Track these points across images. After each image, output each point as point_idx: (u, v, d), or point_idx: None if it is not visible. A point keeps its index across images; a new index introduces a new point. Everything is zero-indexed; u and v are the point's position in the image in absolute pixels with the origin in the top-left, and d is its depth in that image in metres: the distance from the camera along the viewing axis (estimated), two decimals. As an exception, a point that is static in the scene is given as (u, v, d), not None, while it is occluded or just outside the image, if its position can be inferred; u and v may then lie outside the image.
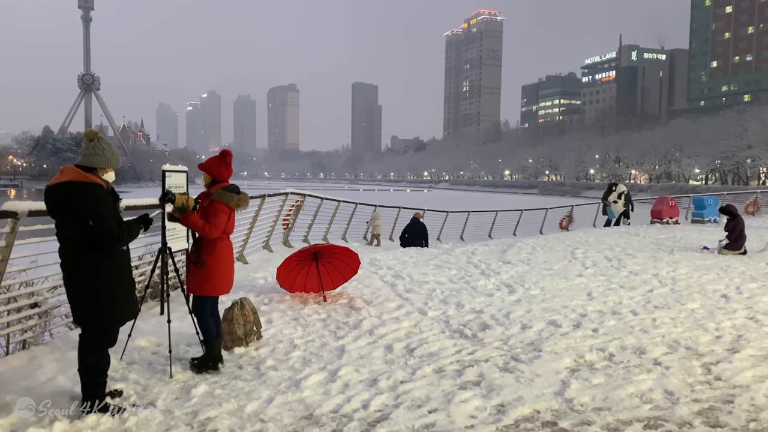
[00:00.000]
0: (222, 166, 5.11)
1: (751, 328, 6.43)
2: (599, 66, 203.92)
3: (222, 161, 5.12)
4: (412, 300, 7.62)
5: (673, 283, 9.02)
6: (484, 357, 5.30)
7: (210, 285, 4.99)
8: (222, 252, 5.03)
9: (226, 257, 5.07)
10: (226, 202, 4.96)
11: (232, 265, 5.18)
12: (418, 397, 4.34)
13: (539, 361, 5.17)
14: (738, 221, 12.27)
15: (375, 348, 5.53)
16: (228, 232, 5.10)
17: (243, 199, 5.08)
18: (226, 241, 5.10)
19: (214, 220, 4.88)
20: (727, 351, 5.58)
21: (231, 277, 5.17)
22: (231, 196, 4.99)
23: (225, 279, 5.08)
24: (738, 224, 12.19)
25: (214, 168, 5.09)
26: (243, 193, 5.14)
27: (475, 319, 6.70)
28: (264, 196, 10.24)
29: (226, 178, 5.15)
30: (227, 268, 5.09)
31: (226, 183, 5.13)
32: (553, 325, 6.46)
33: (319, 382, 4.63)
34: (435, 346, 5.61)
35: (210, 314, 5.05)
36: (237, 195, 5.02)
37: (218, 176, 5.09)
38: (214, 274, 4.97)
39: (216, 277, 4.99)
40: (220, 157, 5.15)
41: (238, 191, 5.09)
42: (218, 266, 4.99)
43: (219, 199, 4.93)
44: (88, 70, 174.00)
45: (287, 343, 5.68)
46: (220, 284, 5.04)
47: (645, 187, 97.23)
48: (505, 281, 9.07)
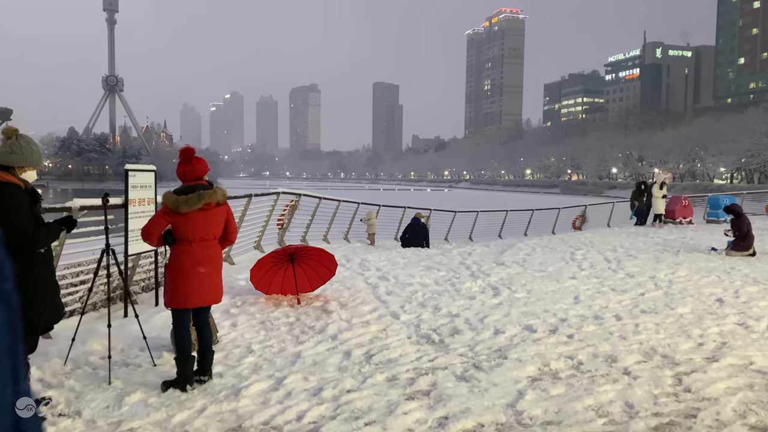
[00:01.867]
0: (184, 166, 4.67)
1: (739, 334, 6.10)
2: (623, 64, 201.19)
3: (183, 159, 4.69)
4: (390, 303, 7.40)
5: (669, 286, 8.68)
6: (444, 364, 5.06)
7: (169, 297, 4.55)
8: (181, 261, 4.54)
9: (182, 266, 4.54)
10: (165, 203, 4.52)
11: (194, 275, 4.57)
12: (360, 407, 4.12)
13: (500, 369, 4.92)
14: (743, 220, 11.83)
15: (333, 354, 5.32)
16: (189, 238, 4.56)
17: (183, 201, 4.48)
18: (184, 248, 4.57)
19: (147, 224, 4.49)
20: (705, 360, 5.27)
21: (196, 289, 4.57)
22: (169, 196, 4.51)
23: (184, 290, 4.53)
24: (743, 223, 11.74)
25: (178, 169, 4.68)
26: (197, 193, 4.56)
27: (449, 323, 6.46)
28: (250, 196, 10.07)
29: (191, 177, 4.66)
30: (189, 278, 4.53)
31: (194, 182, 4.64)
32: (527, 330, 6.19)
33: (261, 390, 4.43)
34: (396, 352, 5.38)
35: (185, 328, 4.58)
36: (176, 195, 4.51)
37: (181, 177, 4.66)
38: (172, 285, 4.54)
39: (174, 289, 4.52)
40: (182, 156, 4.72)
41: (190, 191, 4.55)
42: (176, 276, 4.52)
43: (163, 200, 4.55)
44: (113, 71, 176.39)
45: (244, 348, 5.50)
46: (176, 295, 4.53)
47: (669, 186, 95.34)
48: (493, 283, 8.80)
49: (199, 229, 4.63)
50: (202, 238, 4.61)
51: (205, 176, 4.73)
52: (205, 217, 4.60)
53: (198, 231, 4.62)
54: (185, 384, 4.40)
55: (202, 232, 4.63)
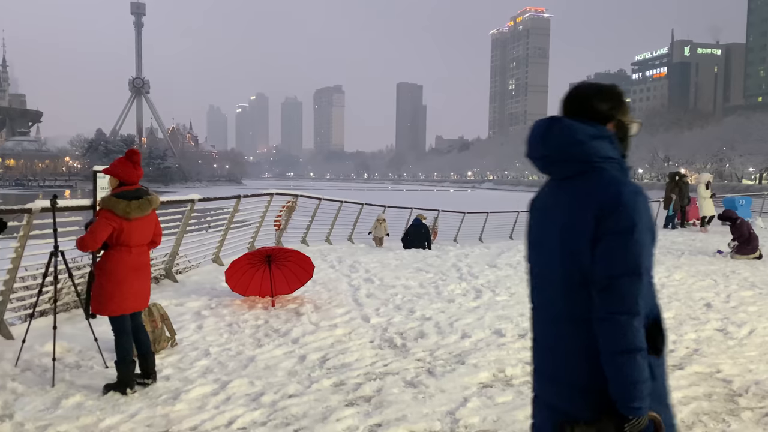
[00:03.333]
0: (129, 167, 4.56)
1: (715, 341, 5.90)
2: (650, 62, 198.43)
3: (129, 161, 4.58)
4: (365, 306, 7.31)
5: (660, 289, 8.42)
6: (398, 369, 4.97)
7: (105, 304, 4.43)
8: (115, 267, 4.44)
9: (120, 272, 4.45)
10: (111, 209, 4.39)
11: (131, 281, 4.52)
12: (294, 414, 4.05)
13: (453, 374, 4.81)
14: (740, 224, 11.52)
15: (288, 358, 5.26)
16: (127, 244, 4.47)
17: (135, 206, 4.44)
18: (123, 254, 4.48)
19: (91, 230, 4.35)
20: (671, 367, 5.09)
21: (132, 294, 4.53)
22: (117, 202, 4.40)
23: (122, 296, 4.44)
24: (741, 227, 11.43)
25: (120, 168, 4.54)
26: (145, 198, 4.55)
27: (418, 326, 6.36)
28: (239, 197, 10.06)
29: (134, 180, 4.59)
30: (122, 285, 4.44)
31: (132, 187, 4.57)
32: (496, 335, 6.06)
33: (202, 394, 4.39)
34: (353, 356, 5.30)
35: (127, 333, 4.50)
36: (127, 201, 4.43)
37: (126, 178, 4.53)
38: (108, 292, 4.42)
39: (111, 296, 4.40)
40: (127, 157, 4.61)
41: (136, 197, 4.50)
42: (109, 283, 4.42)
43: (105, 206, 4.41)
44: (140, 74, 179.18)
45: (201, 351, 5.46)
46: (124, 302, 4.45)
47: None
48: (477, 286, 8.66)
49: (140, 235, 4.59)
50: (139, 244, 4.58)
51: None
52: (145, 223, 4.59)
53: (138, 237, 4.58)
54: (125, 387, 4.37)
55: (141, 238, 4.60)
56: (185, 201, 8.52)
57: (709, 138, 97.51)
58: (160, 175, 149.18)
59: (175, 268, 9.02)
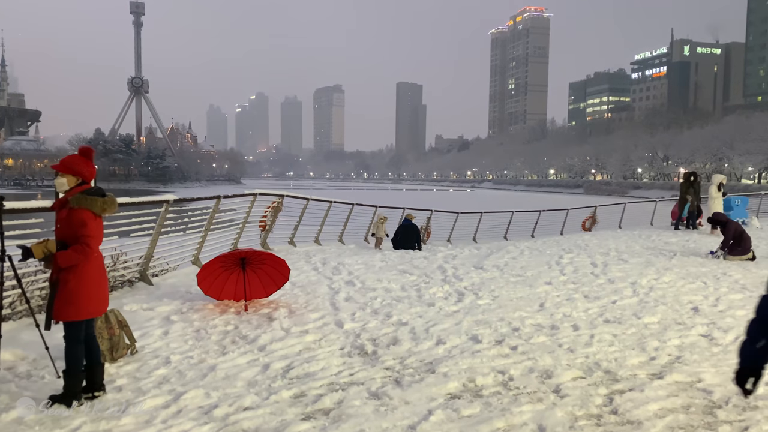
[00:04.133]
0: (90, 165, 4.39)
1: (699, 348, 5.68)
2: (649, 61, 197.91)
3: (89, 158, 4.41)
4: (342, 310, 7.09)
5: (647, 293, 8.24)
6: (363, 379, 4.75)
7: (76, 308, 4.24)
8: (91, 268, 4.31)
9: (94, 273, 4.35)
10: (88, 208, 4.24)
11: (103, 282, 4.47)
12: (245, 429, 3.83)
13: (421, 384, 4.59)
14: (729, 226, 11.32)
15: (251, 367, 5.03)
16: (98, 243, 4.37)
17: (109, 203, 4.36)
18: (96, 254, 4.38)
19: (85, 231, 4.18)
20: (650, 376, 4.88)
21: (103, 295, 4.45)
22: (94, 200, 4.26)
23: (95, 299, 4.34)
24: (730, 229, 11.22)
25: (79, 166, 4.33)
26: (109, 195, 4.44)
27: (393, 332, 6.14)
28: (219, 197, 9.82)
29: (91, 179, 4.43)
30: (97, 285, 4.37)
31: (89, 185, 4.41)
32: (472, 341, 5.84)
33: (153, 407, 4.17)
34: (319, 365, 5.08)
35: (81, 342, 4.31)
36: (101, 198, 4.32)
37: (88, 176, 4.36)
38: (80, 294, 4.24)
39: (83, 298, 4.25)
40: (84, 154, 4.42)
41: (103, 194, 4.39)
42: (84, 285, 4.26)
43: (80, 206, 4.22)
44: (139, 73, 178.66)
45: (162, 359, 5.23)
46: (90, 306, 4.30)
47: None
48: (460, 289, 8.44)
49: (102, 234, 4.46)
50: (100, 243, 4.41)
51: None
52: (102, 223, 4.43)
53: (102, 237, 4.46)
54: (72, 400, 4.15)
55: (102, 238, 4.44)
56: (160, 202, 8.29)
57: (708, 137, 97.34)
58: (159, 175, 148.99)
59: (151, 271, 8.80)
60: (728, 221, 11.54)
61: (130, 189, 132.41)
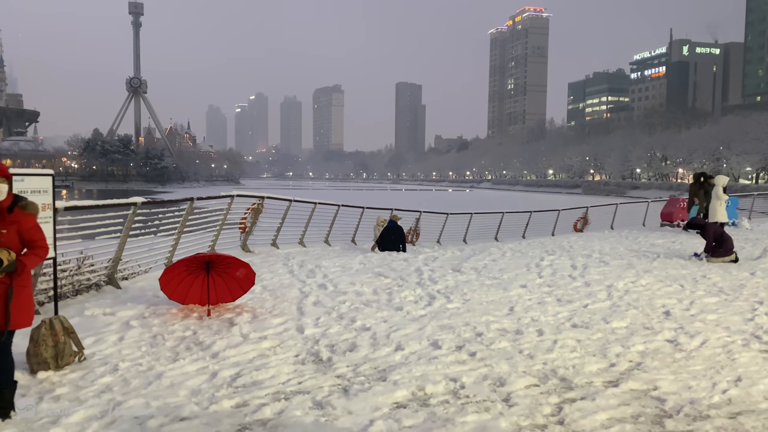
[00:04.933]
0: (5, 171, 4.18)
1: (662, 354, 5.58)
2: (648, 62, 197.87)
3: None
4: (307, 314, 6.98)
5: (622, 296, 8.13)
6: (310, 388, 4.63)
7: (30, 314, 4.19)
8: (29, 276, 4.25)
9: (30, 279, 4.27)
10: (34, 212, 4.18)
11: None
12: (176, 440, 3.72)
13: (367, 393, 4.48)
14: (708, 228, 11.22)
15: (198, 375, 4.92)
16: None
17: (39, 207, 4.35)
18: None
19: (40, 234, 4.17)
20: (605, 384, 4.77)
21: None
22: (35, 204, 4.20)
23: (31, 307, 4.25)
24: (709, 232, 11.12)
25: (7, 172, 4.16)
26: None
27: (353, 338, 6.03)
28: (192, 200, 9.70)
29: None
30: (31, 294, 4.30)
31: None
32: (432, 347, 5.73)
33: (85, 418, 4.05)
34: (269, 373, 4.97)
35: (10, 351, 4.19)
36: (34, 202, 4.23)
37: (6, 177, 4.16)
38: (30, 300, 4.21)
39: (32, 304, 4.24)
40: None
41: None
42: (29, 291, 4.20)
43: (29, 211, 4.14)
44: (138, 73, 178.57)
45: (110, 366, 5.12)
46: (32, 312, 4.24)
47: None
48: (433, 292, 8.34)
49: None
50: None
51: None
52: None
53: None
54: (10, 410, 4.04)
55: None
56: (128, 204, 8.18)
57: (706, 137, 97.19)
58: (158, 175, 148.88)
59: (121, 274, 8.70)
60: (705, 224, 11.43)
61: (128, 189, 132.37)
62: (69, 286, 7.51)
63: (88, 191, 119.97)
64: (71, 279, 7.55)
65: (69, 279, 7.52)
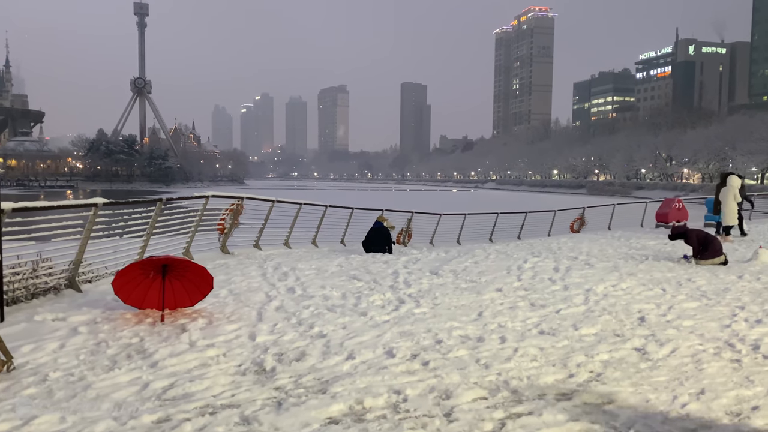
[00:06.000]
0: None
1: (626, 363, 5.28)
2: (654, 61, 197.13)
3: None
4: (265, 321, 6.71)
5: (599, 300, 7.84)
6: (243, 401, 4.36)
7: None
8: None
9: None
10: None
11: None
12: (78, 460, 3.46)
13: (301, 408, 4.20)
14: (690, 234, 10.92)
15: (129, 386, 4.66)
16: None
17: None
18: None
19: None
20: (558, 396, 4.48)
21: None
22: None
23: None
24: (692, 237, 10.82)
25: None
26: None
27: (305, 346, 5.75)
28: (160, 200, 9.45)
29: None
30: None
31: None
32: (386, 355, 5.45)
33: (-6, 433, 3.81)
34: (203, 384, 4.70)
35: None
36: None
37: None
38: None
39: None
40: None
41: None
42: None
43: None
44: (143, 74, 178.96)
45: (40, 377, 4.86)
46: None
47: (697, 186, 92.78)
48: (404, 296, 8.06)
49: None
50: None
51: None
52: None
53: None
54: None
55: None
56: (88, 205, 7.94)
57: (711, 137, 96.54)
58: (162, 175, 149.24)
59: (84, 277, 8.46)
60: (687, 230, 11.11)
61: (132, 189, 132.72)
62: (23, 290, 7.27)
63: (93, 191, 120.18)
64: (25, 282, 7.31)
65: (23, 282, 7.28)
